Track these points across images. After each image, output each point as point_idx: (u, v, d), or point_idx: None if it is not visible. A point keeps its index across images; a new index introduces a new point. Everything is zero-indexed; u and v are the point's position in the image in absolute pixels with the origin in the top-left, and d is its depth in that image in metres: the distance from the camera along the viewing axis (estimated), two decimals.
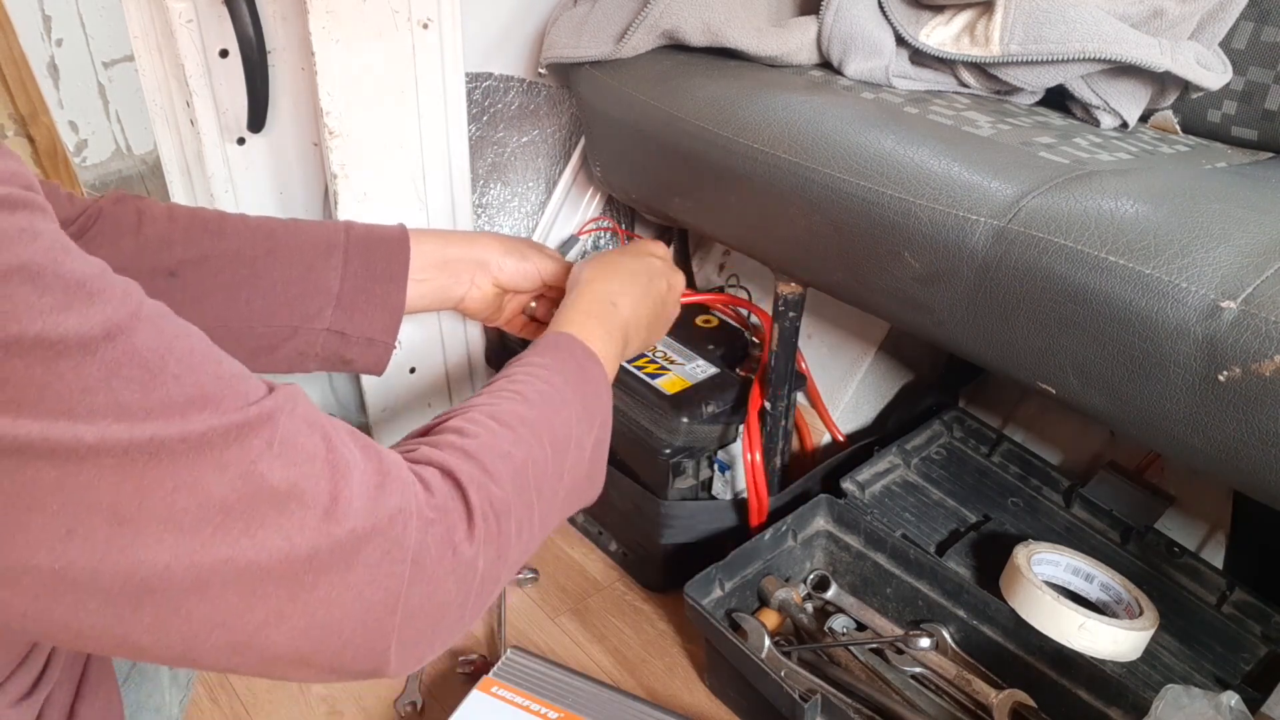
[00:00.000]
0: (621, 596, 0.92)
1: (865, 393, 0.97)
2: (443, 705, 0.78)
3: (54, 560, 0.33)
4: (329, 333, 0.69)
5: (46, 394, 0.31)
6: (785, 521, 0.82)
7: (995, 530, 0.85)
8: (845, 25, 0.75)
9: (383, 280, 0.70)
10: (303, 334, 0.68)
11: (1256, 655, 0.75)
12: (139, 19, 0.76)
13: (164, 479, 0.34)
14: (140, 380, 0.34)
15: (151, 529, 0.34)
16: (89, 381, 0.32)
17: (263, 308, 0.66)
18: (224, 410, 0.36)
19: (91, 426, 0.32)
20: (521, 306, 0.83)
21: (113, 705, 0.54)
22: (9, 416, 0.31)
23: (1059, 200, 0.53)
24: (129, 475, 0.33)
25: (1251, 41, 0.73)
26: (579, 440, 0.58)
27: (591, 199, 1.02)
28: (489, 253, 0.77)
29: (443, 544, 0.44)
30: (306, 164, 0.85)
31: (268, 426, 0.37)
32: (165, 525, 0.34)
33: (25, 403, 0.31)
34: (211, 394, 0.36)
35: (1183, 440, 0.49)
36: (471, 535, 0.46)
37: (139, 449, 0.33)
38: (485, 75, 0.90)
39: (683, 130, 0.71)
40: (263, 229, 0.67)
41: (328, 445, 0.40)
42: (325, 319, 0.69)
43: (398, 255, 0.71)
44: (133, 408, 0.33)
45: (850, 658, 0.77)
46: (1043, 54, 0.68)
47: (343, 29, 0.72)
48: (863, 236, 0.61)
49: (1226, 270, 0.46)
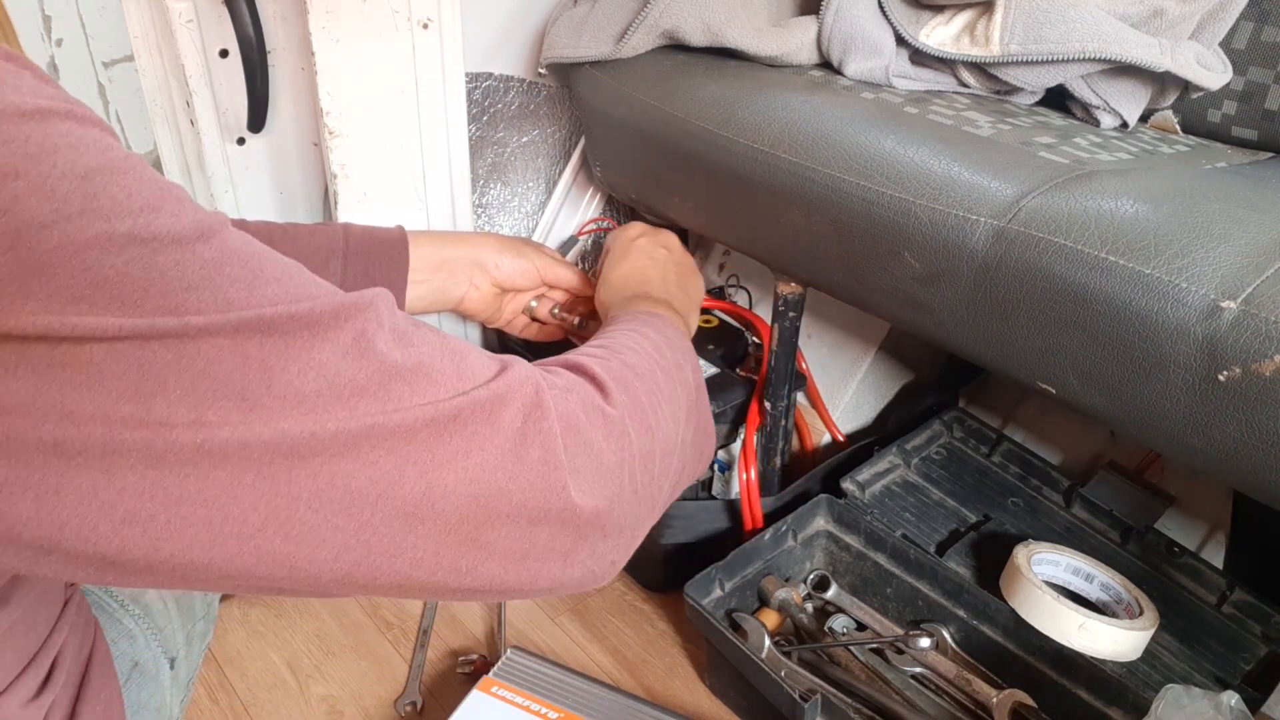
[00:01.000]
0: (621, 596, 0.92)
1: (865, 393, 0.97)
2: (443, 705, 0.78)
3: (193, 435, 0.32)
4: None
5: (151, 291, 0.31)
6: (785, 521, 0.82)
7: (995, 530, 0.85)
8: (845, 25, 0.75)
9: (381, 285, 0.70)
10: None
11: (1256, 655, 0.75)
12: (139, 19, 0.76)
13: (287, 362, 0.33)
14: (243, 279, 0.34)
15: (284, 409, 0.33)
16: (191, 278, 0.32)
17: None
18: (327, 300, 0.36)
19: (200, 317, 0.32)
20: (521, 307, 0.83)
21: (113, 705, 0.54)
22: (114, 314, 0.30)
23: (1059, 200, 0.53)
24: (249, 356, 0.33)
25: (1251, 41, 0.73)
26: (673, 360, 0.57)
27: (591, 199, 1.02)
28: (486, 252, 0.77)
29: (587, 407, 0.44)
30: (306, 164, 0.85)
31: (373, 309, 0.37)
32: (298, 405, 0.33)
33: (129, 300, 0.30)
34: (313, 293, 0.36)
35: (1183, 440, 0.49)
36: (609, 400, 0.46)
37: (250, 327, 0.33)
38: (485, 75, 0.90)
39: (683, 130, 0.71)
40: (260, 234, 0.67)
41: (438, 334, 0.41)
42: None
43: (396, 259, 0.71)
44: (238, 304, 0.33)
45: (850, 658, 0.77)
46: (1043, 54, 0.68)
47: (343, 29, 0.72)
48: (863, 236, 0.61)
49: (1226, 270, 0.46)
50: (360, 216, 0.80)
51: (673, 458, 0.53)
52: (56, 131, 0.30)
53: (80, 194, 0.30)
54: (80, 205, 0.30)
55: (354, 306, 0.36)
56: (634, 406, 0.48)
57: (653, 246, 0.75)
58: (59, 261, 0.29)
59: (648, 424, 0.49)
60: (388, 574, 0.37)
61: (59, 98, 0.32)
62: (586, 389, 0.46)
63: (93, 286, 0.30)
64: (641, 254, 0.74)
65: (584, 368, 0.48)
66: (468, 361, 0.40)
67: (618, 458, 0.45)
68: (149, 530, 0.32)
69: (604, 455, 0.44)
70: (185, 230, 0.32)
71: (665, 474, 0.52)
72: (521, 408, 0.40)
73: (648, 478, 0.48)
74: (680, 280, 0.74)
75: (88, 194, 0.30)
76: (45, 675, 0.47)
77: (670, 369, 0.56)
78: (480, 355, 0.42)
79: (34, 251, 0.29)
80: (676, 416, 0.55)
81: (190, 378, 0.32)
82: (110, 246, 0.30)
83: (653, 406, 0.50)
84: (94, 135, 0.32)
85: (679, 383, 0.57)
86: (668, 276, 0.73)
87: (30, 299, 0.29)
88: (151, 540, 0.33)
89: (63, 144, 0.30)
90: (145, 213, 0.31)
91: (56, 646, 0.48)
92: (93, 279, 0.30)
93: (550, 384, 0.43)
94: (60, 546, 0.32)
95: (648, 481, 0.48)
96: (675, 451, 0.54)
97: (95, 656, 0.53)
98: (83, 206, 0.30)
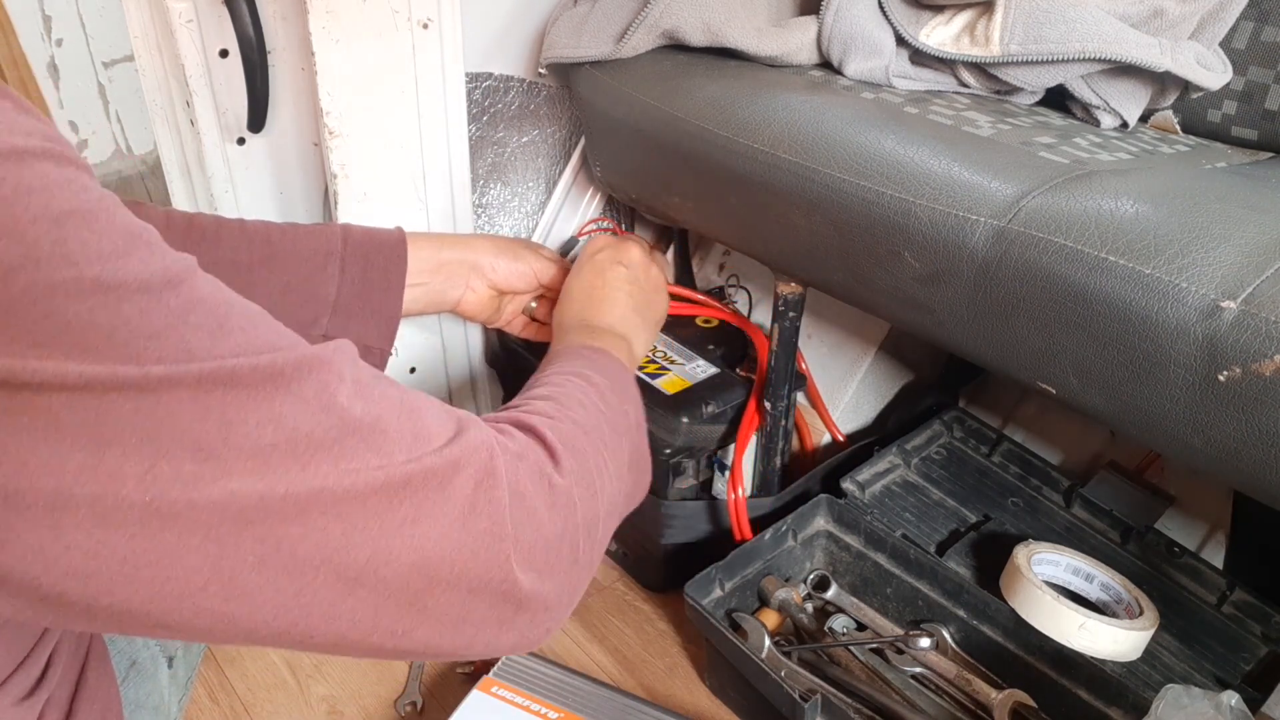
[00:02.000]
0: (622, 596, 0.92)
1: (865, 393, 0.97)
2: (443, 705, 0.78)
3: (143, 493, 0.32)
4: (325, 340, 0.69)
5: (114, 338, 0.31)
6: (785, 521, 0.82)
7: (995, 530, 0.85)
8: (845, 25, 0.75)
9: (379, 288, 0.70)
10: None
11: (1257, 655, 0.75)
12: (139, 19, 0.76)
13: (246, 414, 0.33)
14: (207, 327, 0.33)
15: (239, 463, 0.33)
16: (155, 326, 0.32)
17: None
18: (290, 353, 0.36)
19: (161, 367, 0.31)
20: (521, 307, 0.83)
21: (111, 704, 0.54)
22: (75, 360, 0.30)
23: (1059, 200, 0.53)
24: (209, 409, 0.32)
25: (1251, 41, 0.73)
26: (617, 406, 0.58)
27: (591, 199, 1.02)
28: (483, 255, 0.77)
29: (536, 476, 0.44)
30: (306, 164, 0.85)
31: (335, 364, 0.37)
32: (252, 459, 0.33)
33: (90, 347, 0.30)
34: (276, 344, 0.36)
35: (1183, 440, 0.49)
36: (560, 468, 0.46)
37: (212, 379, 0.32)
38: (485, 75, 0.90)
39: (683, 130, 0.71)
40: (259, 235, 0.67)
41: (399, 390, 0.40)
42: (321, 326, 0.69)
43: (394, 263, 0.71)
44: (200, 354, 0.33)
45: (850, 658, 0.77)
46: (1043, 54, 0.68)
47: (343, 29, 0.72)
48: (863, 236, 0.61)
49: (1227, 270, 0.46)
50: (360, 217, 0.80)
51: (614, 518, 0.54)
52: (32, 173, 0.30)
53: (51, 239, 0.30)
54: (50, 250, 0.29)
55: (317, 360, 0.36)
56: (581, 472, 0.48)
57: (609, 263, 0.75)
58: (24, 306, 0.29)
59: (593, 488, 0.49)
60: (324, 634, 0.37)
61: (37, 133, 0.31)
62: (538, 455, 0.46)
63: (55, 332, 0.30)
64: (595, 271, 0.74)
65: (536, 430, 0.48)
66: (425, 421, 0.40)
67: (562, 528, 0.45)
68: (90, 584, 0.32)
69: (549, 527, 0.44)
70: (153, 277, 0.32)
71: (606, 535, 0.52)
72: (474, 475, 0.40)
73: (590, 543, 0.48)
74: (635, 298, 0.74)
75: (58, 239, 0.30)
76: (40, 673, 0.46)
77: (616, 419, 0.57)
78: (438, 414, 0.41)
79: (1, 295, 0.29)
80: (620, 472, 0.55)
81: (148, 429, 0.31)
82: (76, 292, 0.30)
83: (599, 467, 0.51)
84: (69, 175, 0.32)
85: (623, 431, 0.57)
86: (616, 297, 0.73)
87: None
88: (92, 593, 0.33)
89: (37, 185, 0.30)
90: (114, 258, 0.31)
91: (51, 644, 0.48)
92: (56, 325, 0.30)
93: (503, 448, 0.43)
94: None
95: (589, 548, 0.48)
96: (617, 510, 0.54)
97: (92, 654, 0.53)
98: (52, 251, 0.30)
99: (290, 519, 0.34)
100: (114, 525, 0.32)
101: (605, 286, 0.73)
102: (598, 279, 0.74)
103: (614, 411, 0.57)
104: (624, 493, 0.57)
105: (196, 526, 0.33)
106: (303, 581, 0.35)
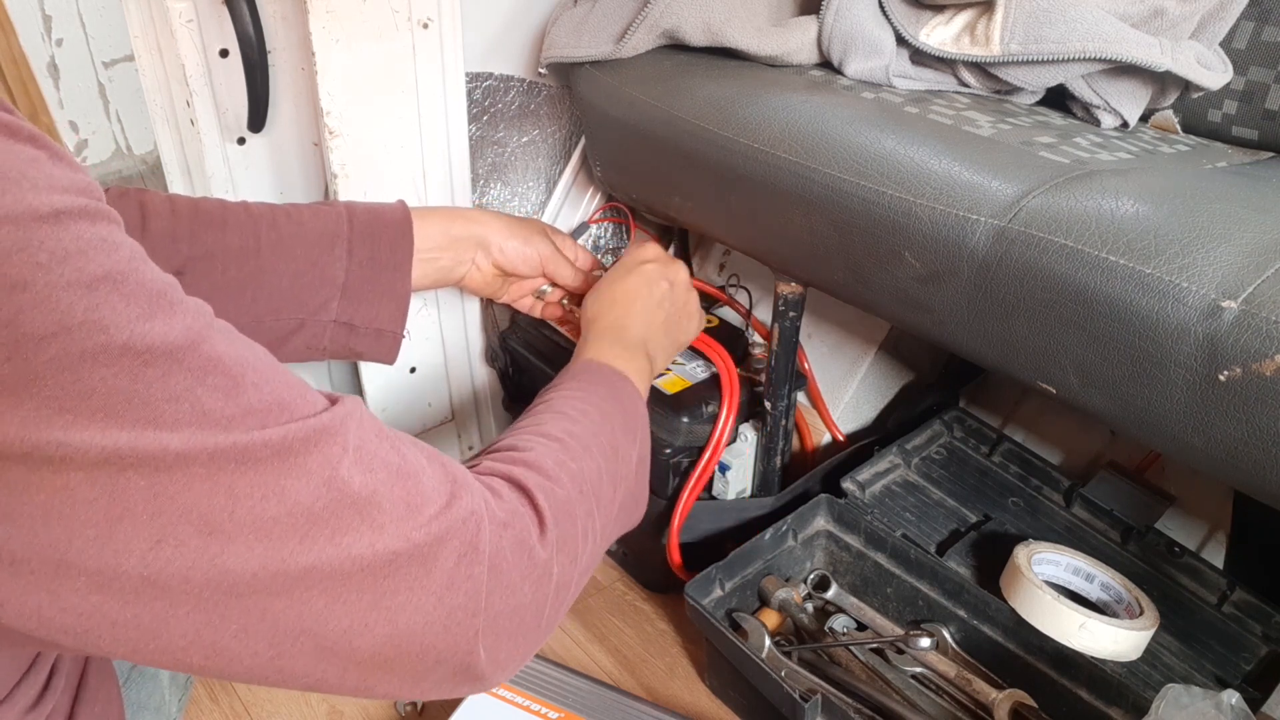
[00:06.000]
0: (622, 596, 0.92)
1: (865, 392, 0.97)
2: (443, 705, 0.78)
3: (144, 567, 0.33)
4: (336, 324, 0.69)
5: (134, 402, 0.31)
6: (785, 521, 0.82)
7: (995, 530, 0.85)
8: (845, 25, 0.75)
9: (388, 269, 0.70)
10: (310, 326, 0.68)
11: (1257, 655, 0.75)
12: (139, 19, 0.76)
13: (253, 488, 0.34)
14: (223, 388, 0.34)
15: (241, 537, 0.34)
16: (175, 390, 0.32)
17: (269, 302, 0.66)
18: (300, 417, 0.36)
19: (176, 435, 0.32)
20: (533, 288, 0.83)
21: (112, 705, 0.54)
22: (98, 426, 0.30)
23: (1059, 200, 0.53)
24: (219, 484, 0.33)
25: (1252, 41, 0.73)
26: (624, 453, 0.59)
27: (591, 199, 1.02)
28: (493, 233, 0.76)
29: (518, 547, 0.44)
30: (306, 164, 0.85)
31: (342, 434, 0.38)
32: (255, 533, 0.34)
33: (113, 411, 0.31)
34: (287, 401, 0.36)
35: (1183, 440, 0.49)
36: (544, 539, 0.46)
37: (225, 456, 0.33)
38: (485, 75, 0.90)
39: (683, 130, 0.71)
40: (265, 218, 0.67)
41: (398, 453, 0.41)
42: (332, 311, 0.69)
43: (401, 242, 0.71)
44: (216, 415, 0.33)
45: (850, 658, 0.77)
46: (1043, 54, 0.68)
47: (343, 29, 0.72)
48: (863, 236, 0.61)
49: (1227, 270, 0.46)
50: None
51: (587, 576, 0.54)
52: (69, 235, 0.30)
53: (83, 306, 0.30)
54: (82, 318, 0.30)
55: (326, 432, 0.37)
56: (565, 541, 0.48)
57: (657, 276, 0.74)
58: (52, 374, 0.29)
59: (574, 555, 0.50)
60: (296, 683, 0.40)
61: (74, 188, 0.32)
62: (524, 524, 0.46)
63: (81, 397, 0.30)
64: (643, 281, 0.74)
65: (529, 494, 0.48)
66: (420, 486, 0.40)
67: (533, 597, 0.45)
68: (81, 639, 0.34)
69: (521, 596, 0.44)
70: (176, 339, 0.33)
71: (576, 595, 0.53)
72: (457, 548, 0.41)
73: (557, 605, 0.49)
74: (669, 320, 0.74)
75: (90, 305, 0.30)
76: (44, 682, 0.47)
77: (618, 469, 0.57)
78: (434, 476, 0.42)
79: (30, 363, 0.29)
80: (607, 528, 0.56)
81: (159, 505, 0.32)
82: (105, 360, 0.30)
83: (585, 532, 0.51)
84: (102, 234, 0.32)
85: (621, 480, 0.58)
86: (654, 314, 0.72)
87: (20, 409, 0.29)
88: (81, 644, 0.34)
89: (74, 250, 0.30)
90: (141, 321, 0.32)
91: (53, 654, 0.48)
92: (82, 390, 0.30)
93: (491, 515, 0.43)
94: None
95: (555, 609, 0.49)
96: (592, 567, 0.55)
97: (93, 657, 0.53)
98: (85, 320, 0.30)
99: (278, 593, 0.35)
100: (110, 593, 0.33)
101: (648, 299, 0.73)
102: (644, 288, 0.73)
103: (620, 461, 0.58)
104: (608, 540, 0.57)
105: (187, 597, 0.34)
106: (281, 649, 0.37)
